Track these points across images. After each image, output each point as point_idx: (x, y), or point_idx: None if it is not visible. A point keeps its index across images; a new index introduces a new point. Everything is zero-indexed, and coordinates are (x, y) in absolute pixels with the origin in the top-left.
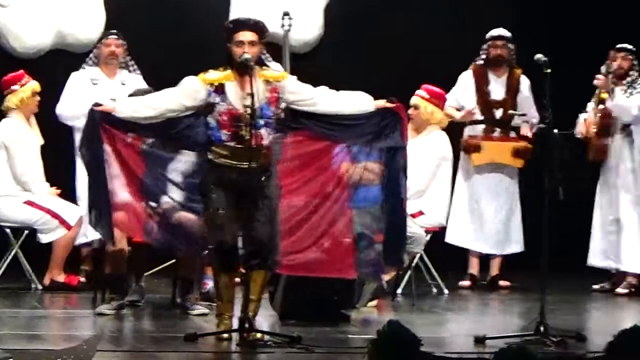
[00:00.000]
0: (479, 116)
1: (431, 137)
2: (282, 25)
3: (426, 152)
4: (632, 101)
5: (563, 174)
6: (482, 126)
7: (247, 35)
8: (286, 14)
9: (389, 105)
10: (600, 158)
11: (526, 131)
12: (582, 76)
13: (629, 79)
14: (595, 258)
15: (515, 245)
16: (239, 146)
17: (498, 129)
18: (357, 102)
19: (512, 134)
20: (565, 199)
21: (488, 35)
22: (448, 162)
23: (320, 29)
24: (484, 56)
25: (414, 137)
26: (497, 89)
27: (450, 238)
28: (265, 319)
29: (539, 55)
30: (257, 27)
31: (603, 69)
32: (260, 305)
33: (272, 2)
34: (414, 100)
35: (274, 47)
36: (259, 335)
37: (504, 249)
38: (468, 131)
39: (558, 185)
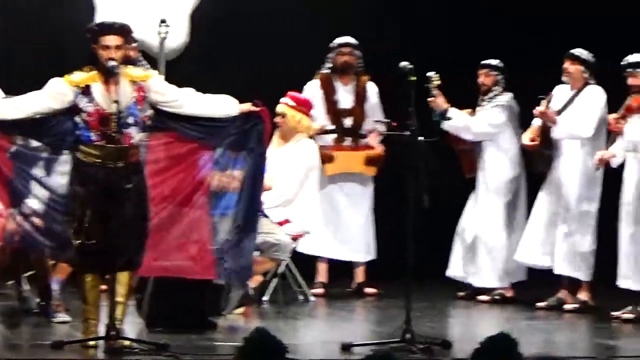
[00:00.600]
0: (329, 126)
1: (299, 146)
2: (159, 33)
3: (294, 161)
4: (479, 119)
5: (429, 181)
6: (333, 136)
7: (112, 39)
8: (163, 21)
9: (253, 108)
10: (471, 173)
11: (373, 142)
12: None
13: (491, 94)
14: (455, 270)
15: (370, 252)
16: (108, 146)
17: (348, 138)
18: (221, 105)
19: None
20: (431, 206)
21: (334, 43)
22: (316, 171)
23: (187, 36)
24: (330, 64)
25: (281, 145)
26: (345, 97)
27: (305, 247)
28: (132, 326)
29: (404, 63)
30: (122, 30)
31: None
32: (127, 308)
33: (137, 10)
34: (280, 108)
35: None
36: (126, 342)
37: (364, 256)
38: (318, 141)
39: (423, 193)
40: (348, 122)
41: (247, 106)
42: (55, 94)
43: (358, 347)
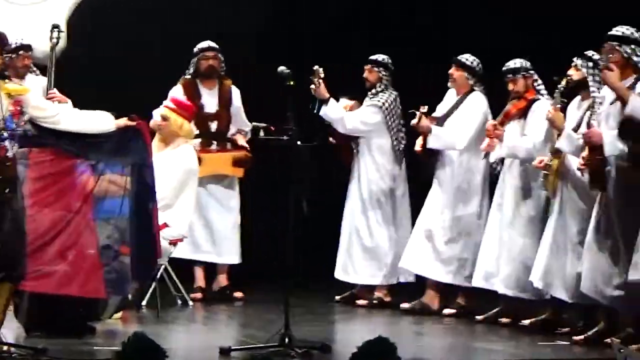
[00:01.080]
0: (194, 130)
1: (179, 151)
2: (51, 38)
3: (174, 165)
4: (352, 114)
5: (309, 186)
6: (199, 140)
7: None
8: (56, 26)
9: (130, 123)
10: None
11: (242, 142)
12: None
13: (374, 90)
14: (338, 272)
15: (234, 256)
16: None
17: (215, 142)
18: (99, 121)
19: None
20: (309, 210)
21: (197, 47)
22: (194, 175)
23: (64, 41)
24: (193, 69)
25: (161, 149)
26: (209, 101)
27: (180, 251)
28: (9, 331)
29: (281, 68)
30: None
31: None
32: (5, 318)
33: (15, 15)
34: (163, 111)
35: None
36: (4, 347)
37: (230, 259)
38: None
39: (302, 199)
40: (214, 126)
41: (124, 121)
42: None
43: (237, 351)
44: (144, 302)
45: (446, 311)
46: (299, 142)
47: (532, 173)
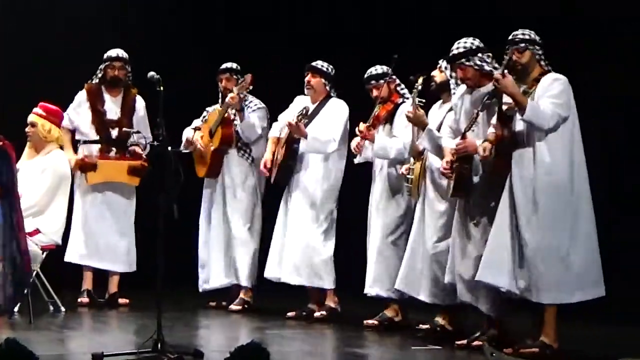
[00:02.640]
0: (94, 135)
1: (51, 156)
2: None
3: (46, 171)
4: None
5: (178, 191)
6: (98, 146)
7: None
8: None
9: None
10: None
11: (139, 150)
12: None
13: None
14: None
15: (132, 263)
16: None
17: (114, 149)
18: None
19: (128, 154)
20: (179, 215)
21: (106, 55)
22: (67, 181)
23: None
24: (100, 75)
25: (32, 156)
26: (112, 108)
27: (68, 256)
28: None
29: (152, 73)
30: None
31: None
32: None
33: None
34: (31, 118)
35: None
36: None
37: (120, 267)
38: (83, 151)
39: (173, 203)
40: (114, 133)
41: None
42: None
43: (109, 357)
44: (15, 309)
45: (317, 314)
46: (169, 148)
47: (399, 178)
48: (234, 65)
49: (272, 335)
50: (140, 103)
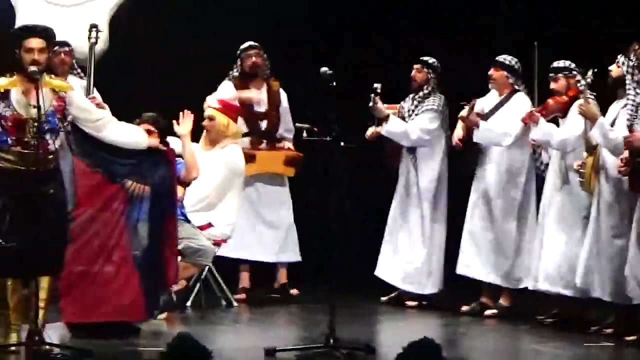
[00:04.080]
0: (244, 128)
1: (226, 151)
2: (89, 38)
3: (219, 165)
4: (412, 125)
5: (348, 186)
6: (249, 138)
7: (35, 42)
8: (94, 26)
9: (161, 147)
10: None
11: (289, 145)
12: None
13: (421, 93)
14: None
15: (293, 254)
16: (25, 151)
17: (264, 141)
18: (134, 136)
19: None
20: (353, 210)
21: (241, 47)
22: (241, 176)
23: (105, 42)
24: (238, 68)
25: (207, 148)
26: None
27: (228, 251)
28: (55, 332)
29: (324, 69)
30: (45, 33)
31: None
32: (48, 312)
33: (57, 16)
34: (209, 111)
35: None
36: (49, 348)
37: (287, 257)
38: None
39: (345, 198)
40: (263, 125)
41: (156, 142)
42: None
43: (282, 352)
44: (188, 303)
45: (489, 312)
46: (341, 143)
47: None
48: (431, 60)
49: (447, 331)
50: (283, 95)
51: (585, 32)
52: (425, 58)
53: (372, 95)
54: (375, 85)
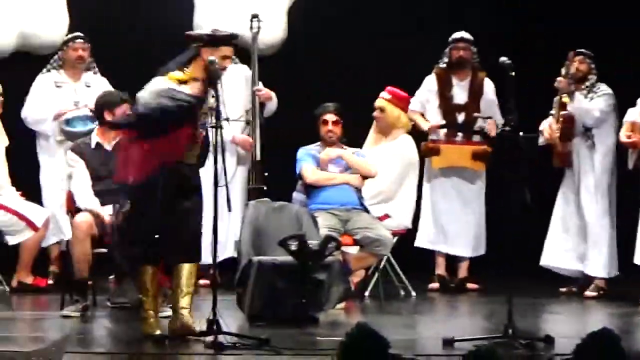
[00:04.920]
0: (441, 120)
1: (398, 142)
2: (251, 28)
3: (393, 157)
4: (593, 104)
5: (528, 177)
6: (445, 130)
7: (227, 50)
8: (255, 16)
9: None
10: (564, 165)
11: (491, 128)
12: (545, 79)
13: (587, 83)
14: (554, 260)
15: (480, 248)
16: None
17: (460, 133)
18: None
19: (476, 138)
20: (532, 201)
21: (450, 38)
22: (415, 166)
23: (284, 31)
24: (446, 59)
25: (379, 141)
26: (459, 92)
27: (418, 241)
28: (233, 321)
29: (503, 59)
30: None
31: (563, 71)
32: (194, 297)
33: (235, 4)
34: (379, 102)
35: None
36: (228, 337)
37: (469, 252)
38: (431, 135)
39: (525, 188)
40: (460, 117)
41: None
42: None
43: (460, 342)
44: (367, 293)
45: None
46: (520, 133)
47: None
48: (586, 51)
49: (626, 321)
50: (489, 86)
51: None
52: (582, 50)
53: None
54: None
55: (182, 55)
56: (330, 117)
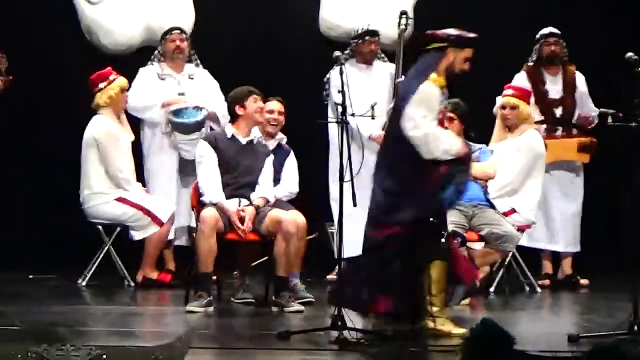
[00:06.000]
0: (538, 117)
1: (525, 136)
2: (399, 25)
3: (520, 151)
4: None
5: None
6: (544, 126)
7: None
8: (404, 13)
9: None
10: None
11: (585, 121)
12: None
13: None
14: None
15: (577, 245)
16: None
17: (560, 128)
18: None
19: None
20: None
21: (539, 34)
22: (542, 161)
23: (411, 27)
24: (535, 55)
25: (502, 138)
26: (553, 87)
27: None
28: (358, 317)
29: (629, 54)
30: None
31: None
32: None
33: (361, 1)
34: (509, 100)
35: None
36: (351, 333)
37: (573, 247)
38: None
39: None
40: (558, 112)
41: None
42: None
43: (585, 338)
44: (491, 289)
45: None
46: None
47: None
48: None
49: None
50: (580, 79)
51: None
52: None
53: None
54: None
55: (428, 56)
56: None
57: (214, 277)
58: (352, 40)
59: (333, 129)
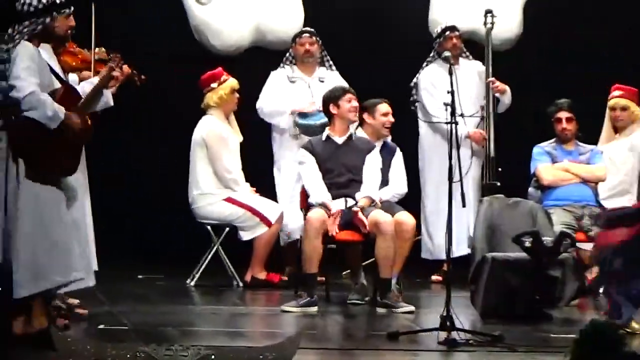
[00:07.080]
0: None
1: (637, 135)
2: (485, 24)
3: (632, 152)
4: None
5: None
6: None
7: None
8: (489, 11)
9: None
10: None
11: None
12: None
13: None
14: None
15: None
16: None
17: None
18: None
19: None
20: None
21: None
22: None
23: (519, 27)
24: None
25: (610, 139)
26: None
27: None
28: (466, 318)
29: None
30: None
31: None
32: None
33: (471, 1)
34: (620, 102)
35: (471, 45)
36: (460, 333)
37: None
38: None
39: None
40: None
41: None
42: None
43: None
44: (600, 289)
45: None
46: None
47: None
48: None
49: None
50: None
51: None
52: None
53: None
54: None
55: None
56: (564, 114)
57: (322, 279)
58: (434, 41)
59: (423, 130)
